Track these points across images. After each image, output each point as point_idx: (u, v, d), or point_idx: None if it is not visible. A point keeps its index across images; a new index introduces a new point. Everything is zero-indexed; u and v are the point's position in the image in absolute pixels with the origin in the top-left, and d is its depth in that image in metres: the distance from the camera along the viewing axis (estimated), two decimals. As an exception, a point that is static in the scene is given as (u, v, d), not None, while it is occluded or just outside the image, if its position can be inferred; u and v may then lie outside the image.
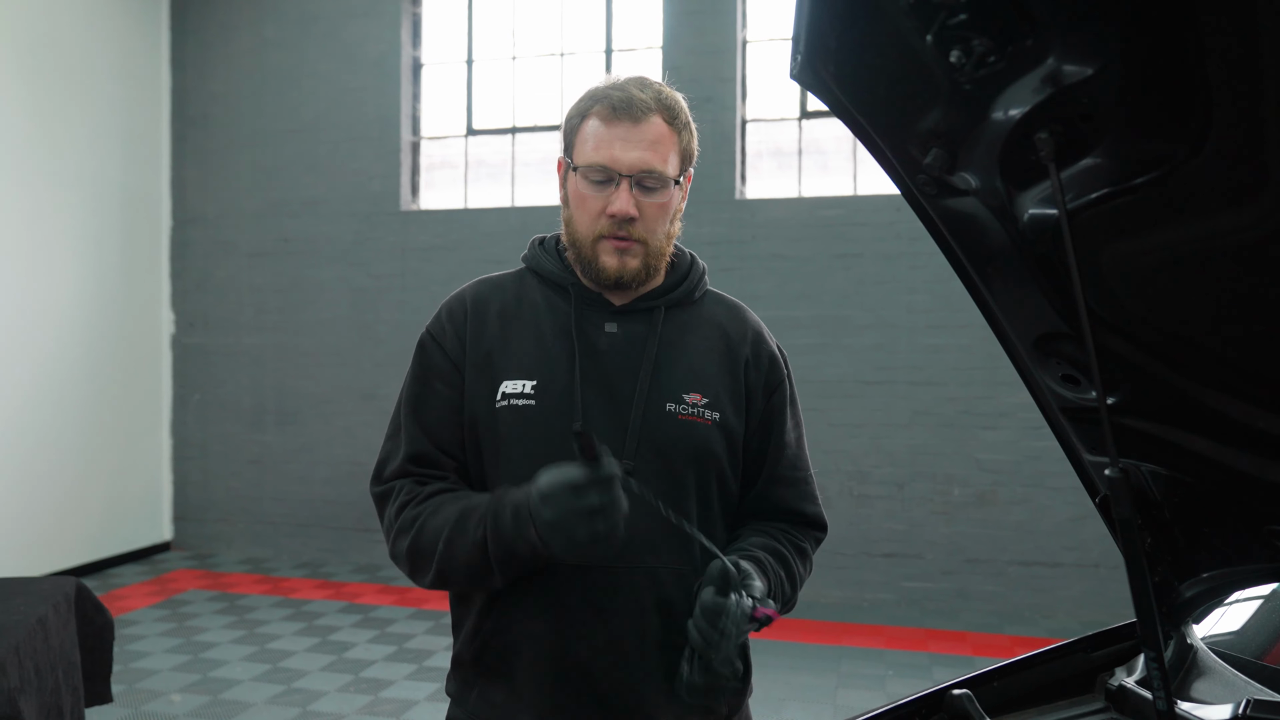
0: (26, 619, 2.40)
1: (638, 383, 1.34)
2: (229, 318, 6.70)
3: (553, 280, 1.41)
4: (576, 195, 1.34)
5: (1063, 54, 0.85)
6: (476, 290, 1.44)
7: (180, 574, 6.16)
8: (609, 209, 1.31)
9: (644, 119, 1.31)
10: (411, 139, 6.49)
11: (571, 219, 1.37)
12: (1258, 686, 1.28)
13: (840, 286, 5.65)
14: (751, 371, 1.42)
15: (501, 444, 1.33)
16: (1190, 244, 0.96)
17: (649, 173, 1.31)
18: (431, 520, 1.30)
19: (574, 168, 1.34)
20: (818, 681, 4.32)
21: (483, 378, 1.36)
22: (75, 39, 6.03)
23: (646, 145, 1.31)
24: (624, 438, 1.31)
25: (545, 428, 1.32)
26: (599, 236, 1.33)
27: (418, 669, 4.44)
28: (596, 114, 1.32)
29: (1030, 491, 5.37)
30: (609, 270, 1.34)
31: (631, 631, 1.30)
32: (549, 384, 1.33)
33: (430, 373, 1.39)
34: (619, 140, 1.30)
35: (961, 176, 1.03)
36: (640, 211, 1.31)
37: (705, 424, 1.35)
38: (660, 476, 1.31)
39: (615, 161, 1.30)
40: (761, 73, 5.93)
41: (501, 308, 1.40)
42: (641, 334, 1.37)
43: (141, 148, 6.58)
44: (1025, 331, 1.19)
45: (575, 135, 1.35)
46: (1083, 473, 1.37)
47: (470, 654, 1.36)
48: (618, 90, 1.32)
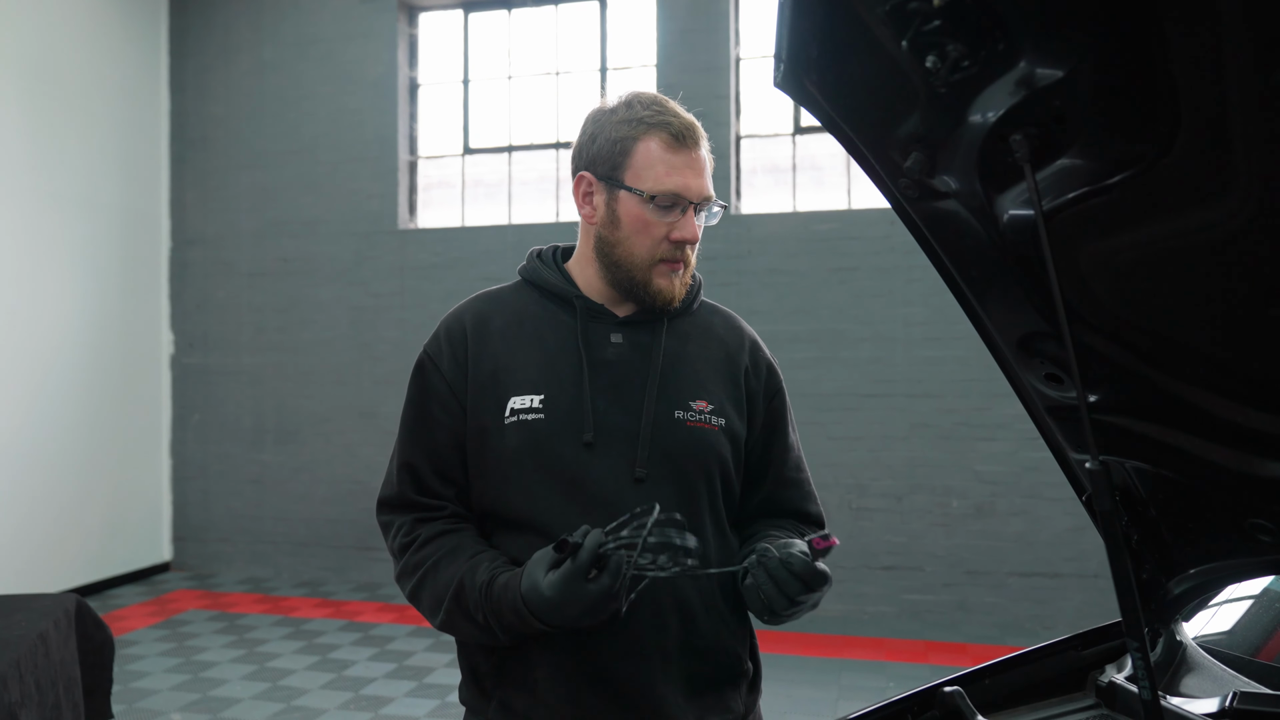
0: (28, 634, 2.41)
1: (645, 392, 1.36)
2: (229, 338, 6.73)
3: (555, 293, 1.42)
4: (637, 219, 1.34)
5: (1034, 58, 0.88)
6: (475, 308, 1.44)
7: (180, 594, 6.16)
8: (674, 234, 1.34)
9: (700, 146, 1.37)
10: (409, 158, 6.54)
11: (624, 241, 1.36)
12: (1245, 680, 1.30)
13: (837, 300, 5.68)
14: (751, 379, 1.46)
15: (512, 459, 1.33)
16: (1165, 241, 0.98)
17: (709, 199, 1.36)
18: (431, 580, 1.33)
19: (634, 190, 1.33)
20: (819, 694, 4.32)
21: (489, 395, 1.36)
22: (75, 62, 6.09)
23: (705, 173, 1.36)
24: (635, 446, 1.33)
25: (556, 440, 1.33)
26: (658, 260, 1.36)
27: (418, 685, 4.44)
28: (658, 139, 1.34)
29: (1029, 503, 5.38)
30: (665, 292, 1.37)
31: (651, 635, 1.31)
32: (558, 397, 1.34)
33: (426, 397, 1.39)
34: (687, 168, 1.34)
35: (941, 179, 1.06)
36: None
37: (712, 430, 1.38)
38: (672, 483, 1.34)
39: (687, 189, 1.33)
40: (755, 89, 5.99)
41: (503, 323, 1.41)
42: (646, 344, 1.40)
43: (141, 169, 6.63)
44: (1009, 332, 1.22)
45: (627, 158, 1.34)
46: (1070, 473, 1.39)
47: (489, 665, 1.36)
48: (675, 117, 1.35)
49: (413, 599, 1.36)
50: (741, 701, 1.40)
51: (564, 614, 1.17)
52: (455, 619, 1.30)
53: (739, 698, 1.40)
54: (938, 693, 1.32)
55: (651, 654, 1.31)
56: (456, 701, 4.20)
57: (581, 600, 1.15)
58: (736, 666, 1.39)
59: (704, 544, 1.35)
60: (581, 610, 1.16)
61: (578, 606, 1.16)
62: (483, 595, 1.26)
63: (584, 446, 1.32)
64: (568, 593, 1.15)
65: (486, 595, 1.26)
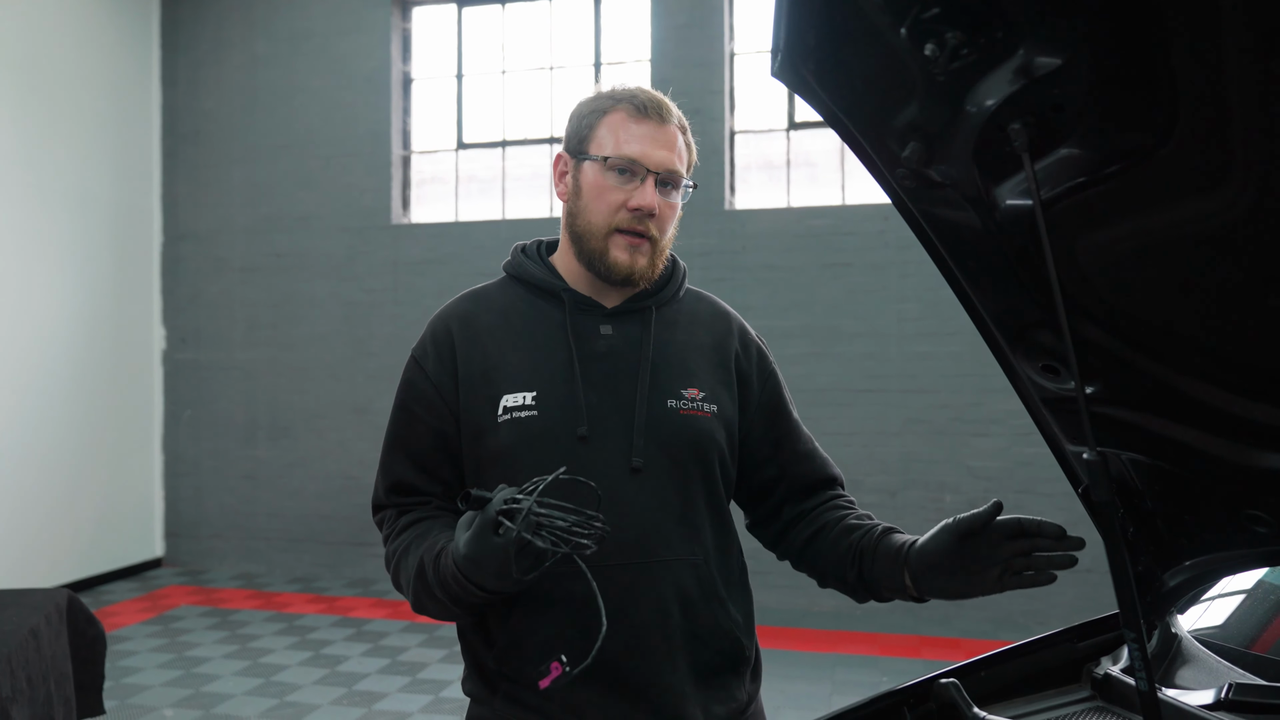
0: (19, 629, 2.40)
1: (638, 382, 1.35)
2: (221, 333, 6.70)
3: (541, 287, 1.42)
4: (595, 186, 1.35)
5: (1033, 45, 0.88)
6: (462, 308, 1.43)
7: (172, 590, 6.14)
8: (631, 202, 1.33)
9: (668, 122, 1.36)
10: (402, 153, 6.52)
11: (584, 210, 1.36)
12: (1241, 672, 1.30)
13: (830, 296, 5.69)
14: (742, 361, 1.46)
15: (505, 457, 1.33)
16: (1163, 231, 0.98)
17: (673, 172, 1.35)
18: (404, 564, 1.34)
19: (594, 158, 1.35)
20: (813, 689, 4.32)
21: (480, 394, 1.35)
22: (66, 56, 6.05)
23: (672, 148, 1.35)
24: (630, 438, 1.33)
25: (549, 436, 1.32)
26: (614, 229, 1.34)
27: (411, 681, 4.43)
28: (622, 110, 1.35)
29: (1022, 498, 5.38)
30: (620, 265, 1.35)
31: (655, 624, 1.31)
32: (550, 392, 1.34)
33: (411, 399, 1.40)
34: (648, 137, 1.34)
35: (939, 169, 1.05)
36: (658, 210, 1.34)
37: (706, 417, 1.38)
38: (668, 471, 1.34)
39: (645, 156, 1.33)
40: (750, 85, 5.98)
41: (491, 321, 1.40)
42: (636, 334, 1.39)
43: (133, 164, 6.60)
44: (1006, 323, 1.21)
45: (592, 130, 1.36)
46: (1066, 466, 1.39)
47: (495, 657, 1.35)
48: (642, 93, 1.36)
49: (395, 586, 1.38)
50: (745, 690, 1.41)
51: (481, 570, 1.15)
52: (422, 599, 1.30)
53: (743, 686, 1.40)
54: (934, 685, 1.32)
55: (656, 644, 1.31)
56: (450, 696, 4.20)
57: (492, 553, 1.12)
58: (740, 653, 1.39)
59: (700, 531, 1.36)
60: (495, 565, 1.13)
61: (491, 561, 1.13)
62: (433, 568, 1.26)
63: (578, 440, 1.31)
64: (478, 546, 1.14)
65: (435, 567, 1.25)
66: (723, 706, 1.36)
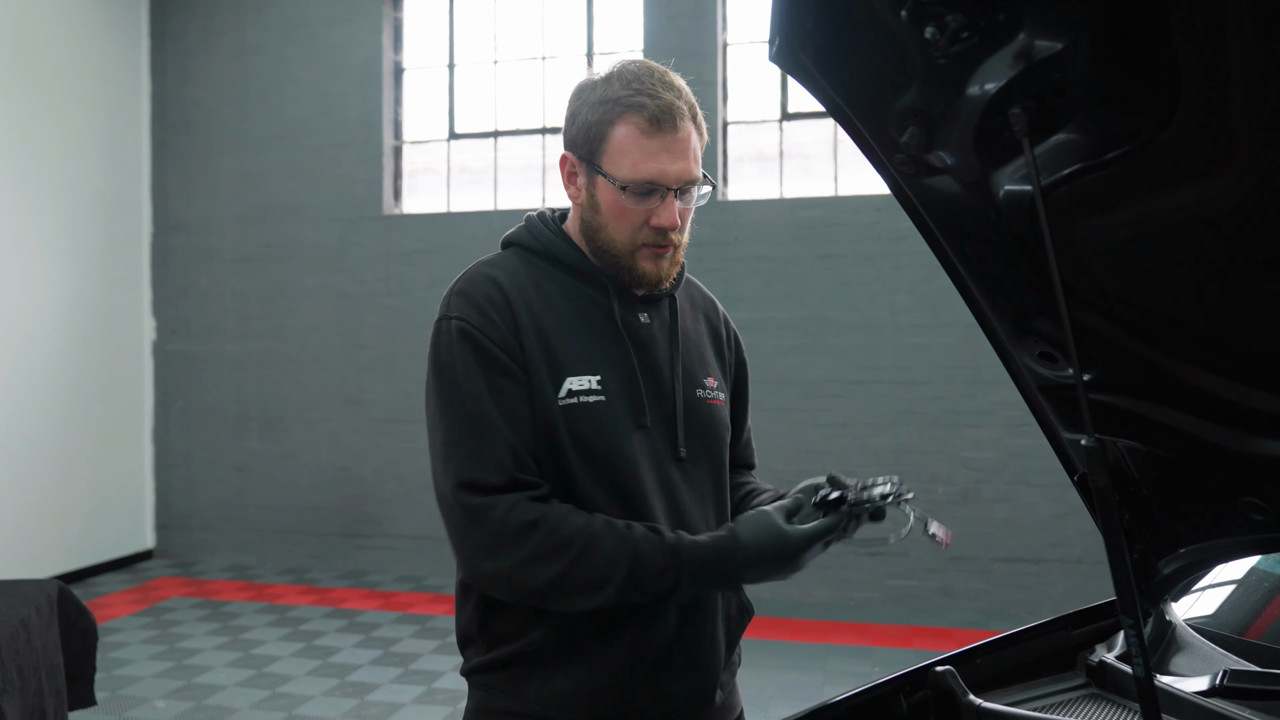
0: (9, 620, 2.38)
1: (671, 371, 1.37)
2: (212, 324, 6.67)
3: (578, 268, 1.36)
4: (614, 207, 1.30)
5: (1034, 29, 0.87)
6: (503, 277, 1.33)
7: (163, 582, 6.12)
8: (654, 221, 1.30)
9: (681, 126, 1.29)
10: (394, 143, 6.49)
11: (604, 226, 1.32)
12: (1234, 659, 1.30)
13: (823, 287, 5.68)
14: (727, 349, 1.51)
15: (572, 442, 1.27)
16: (1162, 218, 0.98)
17: (692, 183, 1.31)
18: (587, 560, 1.21)
19: (609, 177, 1.28)
20: (805, 679, 4.33)
21: (543, 371, 1.28)
22: (54, 45, 6.00)
23: (687, 155, 1.29)
24: (674, 426, 1.35)
25: (618, 424, 1.29)
26: (640, 245, 1.32)
27: (404, 672, 4.42)
28: (633, 123, 1.27)
29: (1014, 489, 5.40)
30: (650, 275, 1.34)
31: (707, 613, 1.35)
32: (612, 379, 1.31)
33: (491, 369, 1.26)
34: (664, 153, 1.27)
35: (938, 155, 1.05)
36: (679, 218, 1.33)
37: (721, 405, 1.43)
38: (704, 459, 1.39)
39: (664, 176, 1.27)
40: (742, 76, 5.96)
41: (533, 295, 1.33)
42: (667, 323, 1.41)
43: (122, 154, 6.55)
44: (1004, 310, 1.21)
45: (603, 142, 1.29)
46: (1062, 454, 1.39)
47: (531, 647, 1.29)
48: (651, 98, 1.27)
49: (554, 584, 1.22)
50: (738, 647, 1.46)
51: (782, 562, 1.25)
52: (626, 593, 1.22)
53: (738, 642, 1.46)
54: (930, 672, 1.32)
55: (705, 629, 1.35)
56: (442, 687, 4.20)
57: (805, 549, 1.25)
58: (747, 607, 1.45)
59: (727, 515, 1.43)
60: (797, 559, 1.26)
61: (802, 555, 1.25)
62: (671, 554, 1.23)
63: (639, 429, 1.31)
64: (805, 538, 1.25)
65: (675, 553, 1.23)
66: (730, 671, 1.44)
